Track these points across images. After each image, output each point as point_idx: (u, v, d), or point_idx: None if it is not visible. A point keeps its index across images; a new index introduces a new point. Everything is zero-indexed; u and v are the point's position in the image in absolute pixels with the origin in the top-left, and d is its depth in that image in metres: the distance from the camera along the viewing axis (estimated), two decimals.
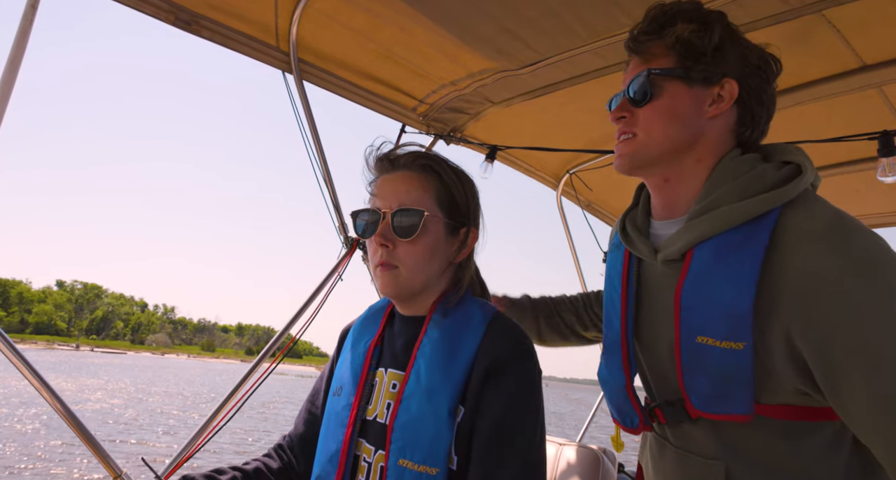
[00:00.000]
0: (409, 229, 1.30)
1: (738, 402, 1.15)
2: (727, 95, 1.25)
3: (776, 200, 1.15)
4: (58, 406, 1.78)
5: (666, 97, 1.27)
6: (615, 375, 1.41)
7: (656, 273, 1.35)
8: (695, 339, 1.18)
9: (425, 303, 1.39)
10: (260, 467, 1.44)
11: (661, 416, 1.34)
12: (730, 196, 1.20)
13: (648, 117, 1.29)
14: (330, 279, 2.51)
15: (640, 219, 1.44)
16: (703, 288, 1.19)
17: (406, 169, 1.37)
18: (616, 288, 1.44)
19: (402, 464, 1.21)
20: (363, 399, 1.36)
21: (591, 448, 1.95)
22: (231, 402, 2.22)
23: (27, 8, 1.68)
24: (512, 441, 1.20)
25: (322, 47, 2.39)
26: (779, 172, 1.20)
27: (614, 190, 3.75)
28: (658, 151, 1.28)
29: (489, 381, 1.23)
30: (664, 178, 1.32)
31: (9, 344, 1.66)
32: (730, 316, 1.13)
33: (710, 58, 1.24)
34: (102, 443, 1.86)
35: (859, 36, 2.01)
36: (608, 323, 1.45)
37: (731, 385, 1.15)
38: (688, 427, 1.30)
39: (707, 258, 1.19)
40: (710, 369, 1.17)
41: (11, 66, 1.65)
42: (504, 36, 2.22)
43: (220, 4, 2.09)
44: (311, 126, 2.51)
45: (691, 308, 1.20)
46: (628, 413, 1.41)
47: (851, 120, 2.51)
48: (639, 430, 1.41)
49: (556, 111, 2.83)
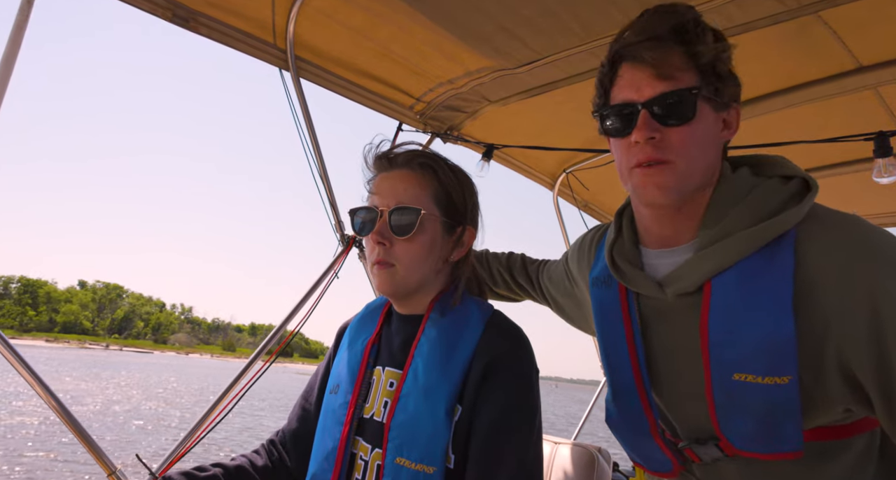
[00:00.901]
0: (405, 227, 1.30)
1: (787, 439, 1.08)
2: (734, 121, 1.19)
3: (792, 220, 1.09)
4: (52, 402, 1.77)
5: (700, 120, 1.12)
6: (635, 421, 1.31)
7: (664, 308, 1.25)
8: (730, 377, 1.10)
9: (422, 302, 1.39)
10: (243, 464, 1.43)
11: (694, 456, 1.26)
12: (741, 220, 1.12)
13: (685, 142, 1.11)
14: (326, 276, 2.51)
15: (628, 250, 1.33)
16: (732, 321, 1.10)
17: (404, 167, 1.37)
18: (617, 329, 1.32)
19: (399, 463, 1.21)
20: (360, 397, 1.36)
21: (586, 446, 1.96)
22: (226, 399, 2.21)
23: (23, 3, 1.67)
24: (509, 440, 1.20)
25: (319, 45, 2.38)
26: (785, 189, 1.14)
27: (610, 189, 3.75)
28: (696, 183, 1.15)
29: (487, 380, 1.24)
30: (678, 208, 1.20)
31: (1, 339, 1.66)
32: (770, 348, 1.05)
33: (725, 80, 1.15)
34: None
35: (855, 37, 2.02)
36: (613, 369, 1.34)
37: (778, 422, 1.07)
38: (722, 465, 1.23)
39: (730, 288, 1.11)
40: (752, 407, 1.09)
41: (7, 61, 1.64)
42: (501, 35, 2.22)
43: (217, 1, 2.09)
44: (307, 123, 2.50)
45: (722, 343, 1.11)
46: (657, 458, 1.32)
47: (847, 121, 2.51)
48: (675, 473, 1.32)
49: (552, 110, 2.83)
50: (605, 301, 1.36)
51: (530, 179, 3.60)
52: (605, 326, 1.36)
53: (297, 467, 1.47)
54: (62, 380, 35.15)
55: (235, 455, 1.50)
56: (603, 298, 1.37)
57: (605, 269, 1.37)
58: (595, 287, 1.41)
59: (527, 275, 1.92)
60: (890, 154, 2.29)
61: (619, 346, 1.32)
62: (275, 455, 1.50)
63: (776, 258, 1.07)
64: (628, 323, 1.30)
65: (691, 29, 1.12)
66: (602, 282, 1.38)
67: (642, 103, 1.13)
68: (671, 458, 1.30)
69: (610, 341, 1.35)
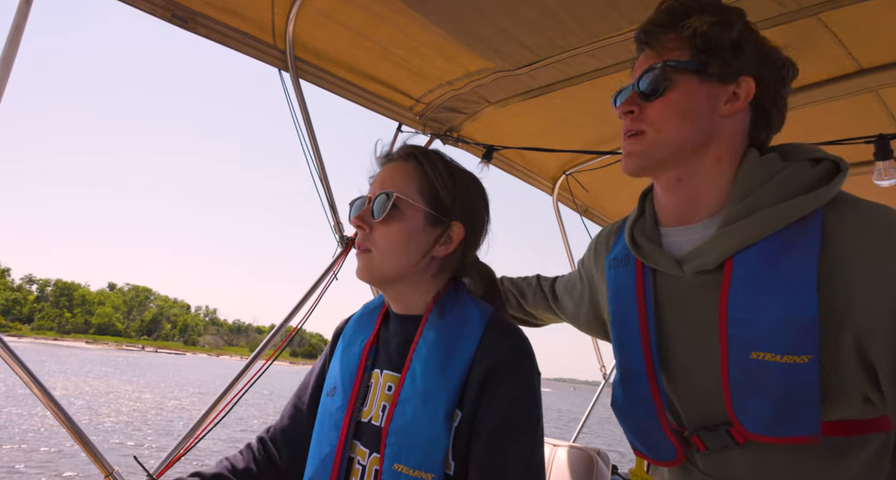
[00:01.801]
0: (381, 209, 1.32)
1: (804, 422, 1.06)
2: (743, 94, 1.18)
3: (820, 200, 1.08)
4: (49, 403, 1.77)
5: (679, 92, 1.18)
6: (641, 405, 1.29)
7: (681, 286, 1.24)
8: (748, 356, 1.09)
9: (416, 301, 1.37)
10: (222, 471, 1.42)
11: (700, 444, 1.24)
12: (767, 198, 1.12)
13: (659, 113, 1.20)
14: (325, 278, 2.51)
15: (649, 228, 1.33)
16: (754, 299, 1.09)
17: (395, 160, 1.41)
18: (630, 308, 1.31)
19: (397, 469, 1.20)
20: (358, 400, 1.35)
21: (584, 448, 1.95)
22: (224, 401, 2.21)
23: (21, 3, 1.67)
24: (513, 445, 1.19)
25: (318, 45, 2.38)
26: (814, 171, 1.13)
27: (611, 192, 3.75)
28: (669, 150, 1.20)
29: (488, 385, 1.22)
30: (677, 178, 1.23)
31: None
32: (791, 327, 1.04)
33: (729, 53, 1.16)
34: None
35: (856, 40, 2.01)
36: (623, 348, 1.33)
37: (795, 403, 1.06)
38: (729, 454, 1.21)
39: (753, 266, 1.11)
40: (769, 387, 1.07)
41: (5, 61, 1.64)
42: (501, 36, 2.22)
43: (216, 1, 2.08)
44: (307, 124, 2.50)
45: (741, 321, 1.11)
46: (660, 445, 1.29)
47: (848, 123, 2.51)
48: (676, 462, 1.29)
49: (552, 112, 2.83)
50: (621, 280, 1.36)
51: (530, 183, 3.60)
52: (619, 305, 1.36)
53: (288, 465, 1.46)
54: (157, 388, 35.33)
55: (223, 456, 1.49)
56: (619, 277, 1.37)
57: (624, 249, 1.37)
58: (611, 269, 1.41)
59: (541, 291, 1.90)
60: (890, 157, 2.29)
61: (630, 325, 1.31)
62: (261, 455, 1.49)
63: (802, 237, 1.07)
64: (642, 301, 1.29)
65: (679, 9, 1.20)
66: (619, 262, 1.38)
67: (633, 82, 1.24)
68: (675, 445, 1.26)
69: (622, 320, 1.34)
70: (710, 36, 1.16)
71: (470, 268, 1.47)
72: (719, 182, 1.20)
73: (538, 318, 1.95)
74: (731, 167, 1.20)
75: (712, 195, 1.21)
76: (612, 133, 2.97)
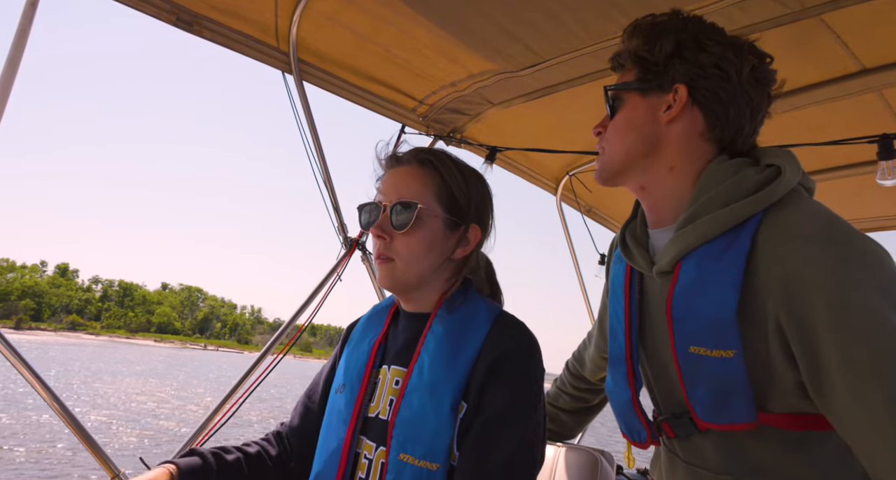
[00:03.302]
0: (404, 222, 1.32)
1: (739, 410, 1.14)
2: (678, 99, 1.25)
3: (758, 205, 1.14)
4: (55, 405, 1.78)
5: (625, 110, 1.32)
6: (621, 389, 1.40)
7: (654, 285, 1.36)
8: (688, 350, 1.18)
9: (428, 300, 1.39)
10: (261, 451, 1.45)
11: (669, 430, 1.33)
12: (713, 204, 1.19)
13: (610, 131, 1.34)
14: (329, 279, 2.52)
15: (639, 230, 1.43)
16: (689, 299, 1.18)
17: (408, 164, 1.40)
18: (619, 301, 1.43)
19: (402, 459, 1.21)
20: (366, 396, 1.36)
21: (589, 449, 1.95)
22: (233, 399, 2.22)
23: (26, 6, 1.68)
24: (506, 429, 1.20)
25: (322, 48, 2.39)
26: (760, 175, 1.19)
27: (614, 193, 3.74)
28: (617, 162, 1.32)
29: (492, 377, 1.24)
30: (640, 186, 1.34)
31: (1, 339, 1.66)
32: (716, 325, 1.13)
33: (662, 67, 1.26)
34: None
35: (858, 40, 2.01)
36: (613, 337, 1.45)
37: (728, 393, 1.14)
38: (697, 441, 1.29)
39: (692, 269, 1.19)
40: (706, 379, 1.17)
41: (11, 64, 1.65)
42: (504, 37, 2.22)
43: (220, 5, 2.09)
44: (310, 127, 2.51)
45: (682, 320, 1.20)
46: (636, 427, 1.40)
47: (851, 123, 2.51)
48: (646, 444, 1.40)
49: (555, 113, 2.83)
50: (616, 276, 1.47)
51: (533, 183, 3.60)
52: (613, 298, 1.47)
53: (296, 464, 1.47)
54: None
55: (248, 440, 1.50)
56: (615, 274, 1.48)
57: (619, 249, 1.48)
58: (614, 264, 1.52)
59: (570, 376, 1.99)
60: (894, 156, 2.29)
61: (618, 316, 1.42)
62: (281, 447, 1.51)
63: (735, 241, 1.14)
64: (628, 295, 1.41)
65: (629, 31, 1.34)
66: (618, 259, 1.49)
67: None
68: (646, 429, 1.37)
69: (613, 312, 1.45)
70: (640, 56, 1.29)
71: (478, 266, 1.50)
72: (680, 188, 1.28)
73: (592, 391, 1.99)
74: (690, 174, 1.27)
75: (675, 200, 1.29)
76: None
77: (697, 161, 1.27)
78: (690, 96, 1.25)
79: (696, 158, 1.27)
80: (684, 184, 1.28)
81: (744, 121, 1.26)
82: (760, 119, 1.29)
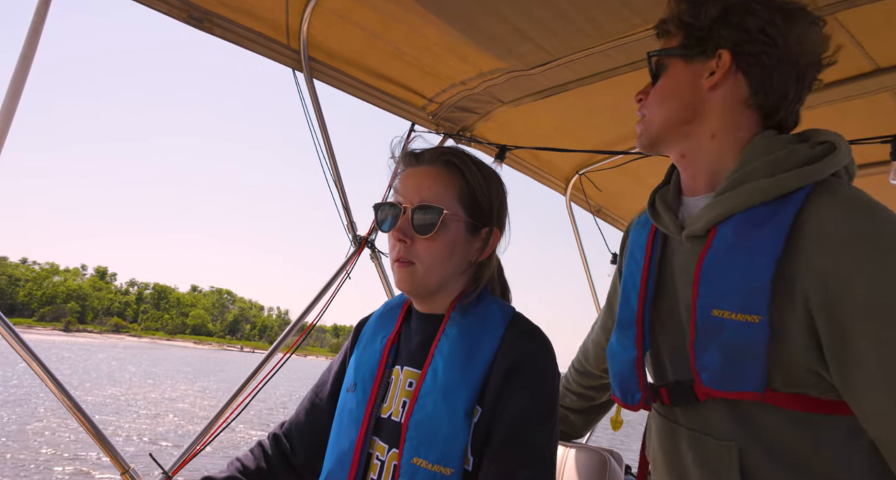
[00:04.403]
0: (427, 226, 1.28)
1: (750, 378, 1.13)
2: (721, 65, 1.24)
3: (806, 178, 1.13)
4: (66, 401, 1.79)
5: (667, 76, 1.31)
6: (626, 350, 1.38)
7: (682, 250, 1.33)
8: (710, 312, 1.17)
9: (443, 301, 1.37)
10: (234, 475, 1.42)
11: (666, 396, 1.32)
12: (759, 172, 1.17)
13: (652, 97, 1.33)
14: (338, 277, 2.52)
15: (670, 195, 1.42)
16: (723, 263, 1.17)
17: (430, 164, 1.36)
18: (637, 263, 1.41)
19: (415, 463, 1.20)
20: (378, 396, 1.34)
21: (597, 449, 1.94)
22: (239, 399, 2.22)
23: (39, 4, 1.69)
24: (528, 442, 1.19)
25: (332, 45, 2.39)
26: (812, 150, 1.18)
27: (624, 192, 3.73)
28: (658, 129, 1.32)
29: (508, 382, 1.23)
30: (680, 154, 1.33)
31: (13, 333, 1.67)
32: (747, 289, 1.12)
33: (707, 32, 1.25)
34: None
35: (872, 39, 2.00)
36: (625, 300, 1.43)
37: (743, 359, 1.13)
38: (701, 409, 1.27)
39: (730, 234, 1.18)
40: (722, 342, 1.15)
41: (24, 61, 1.66)
42: (514, 36, 2.22)
43: (231, 2, 2.10)
44: (320, 124, 2.51)
45: (709, 282, 1.18)
46: (631, 389, 1.38)
47: (864, 123, 2.49)
48: (637, 407, 1.38)
49: (565, 112, 2.83)
50: (636, 240, 1.46)
51: (543, 183, 3.59)
52: (630, 261, 1.46)
53: (303, 461, 1.46)
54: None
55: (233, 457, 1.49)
56: (635, 239, 1.47)
57: (645, 215, 1.47)
58: (633, 232, 1.51)
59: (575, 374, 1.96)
60: None
61: (634, 278, 1.40)
62: (274, 452, 1.48)
63: (780, 212, 1.12)
64: (648, 257, 1.39)
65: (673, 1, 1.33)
66: (640, 226, 1.48)
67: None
68: (643, 392, 1.35)
69: (628, 274, 1.44)
70: (684, 20, 1.27)
71: (495, 269, 1.48)
72: (721, 156, 1.27)
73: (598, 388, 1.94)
74: (734, 143, 1.26)
75: (714, 169, 1.28)
76: (625, 133, 2.97)
77: (740, 129, 1.26)
78: (734, 62, 1.24)
79: (739, 126, 1.26)
80: (726, 152, 1.27)
81: (788, 87, 1.24)
82: (808, 83, 1.27)
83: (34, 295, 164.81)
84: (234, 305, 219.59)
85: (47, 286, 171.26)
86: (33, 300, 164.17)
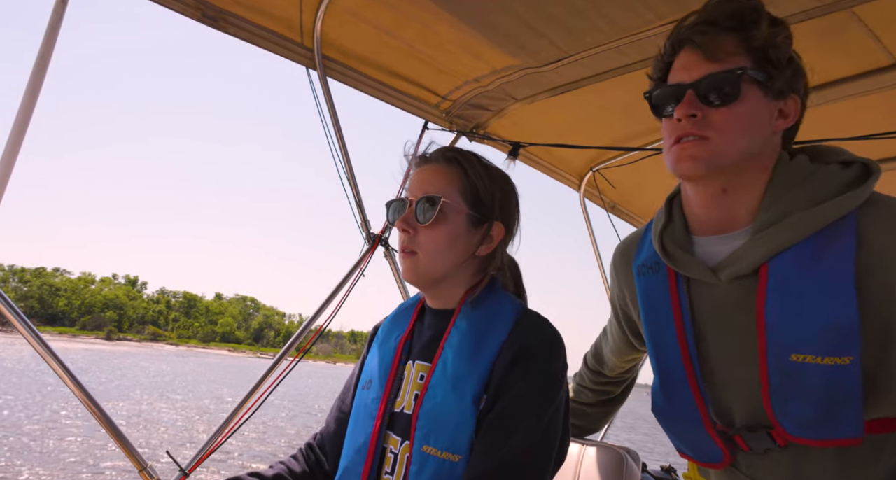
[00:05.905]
0: (427, 215, 1.35)
1: (847, 424, 1.07)
2: (791, 112, 1.20)
3: (853, 202, 1.09)
4: (85, 399, 1.80)
5: (747, 103, 1.15)
6: (685, 409, 1.30)
7: (717, 293, 1.24)
8: (787, 358, 1.10)
9: (453, 296, 1.41)
10: (281, 472, 1.46)
11: (744, 444, 1.25)
12: (799, 202, 1.13)
13: (727, 122, 1.15)
14: (352, 275, 2.53)
15: (679, 236, 1.32)
16: (791, 302, 1.10)
17: (434, 162, 1.43)
18: (665, 314, 1.32)
19: (425, 450, 1.23)
20: (392, 392, 1.38)
21: (614, 447, 1.94)
22: (254, 397, 2.23)
23: (57, 3, 1.70)
24: (523, 417, 1.21)
25: (346, 44, 2.39)
26: (846, 173, 1.14)
27: (639, 189, 3.72)
28: (731, 160, 1.16)
29: (513, 367, 1.25)
30: (722, 189, 1.22)
31: (33, 332, 1.69)
32: (832, 329, 1.05)
33: (787, 69, 1.17)
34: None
35: (890, 33, 1.98)
36: (661, 355, 1.34)
37: (837, 405, 1.06)
38: (768, 455, 1.22)
39: (789, 269, 1.11)
40: (810, 390, 1.08)
41: (41, 60, 1.67)
42: (528, 33, 2.21)
43: (245, 1, 2.11)
44: (334, 123, 2.52)
45: (779, 325, 1.11)
46: (707, 447, 1.30)
47: (881, 118, 2.47)
48: (724, 464, 1.30)
49: (579, 108, 2.82)
50: (653, 287, 1.36)
51: (557, 179, 3.58)
52: (653, 313, 1.37)
53: (333, 470, 1.48)
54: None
55: (274, 461, 1.52)
56: (650, 285, 1.37)
57: (653, 256, 1.37)
58: (641, 275, 1.40)
59: (594, 351, 1.94)
60: None
61: (667, 332, 1.32)
62: (312, 460, 1.53)
63: (837, 240, 1.08)
64: (677, 308, 1.30)
65: (747, 15, 1.15)
66: (649, 269, 1.38)
67: (689, 84, 1.17)
68: (721, 447, 1.28)
69: (658, 327, 1.35)
70: (780, 49, 1.16)
71: (503, 263, 1.50)
72: (757, 191, 1.20)
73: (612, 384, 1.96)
74: (767, 173, 1.20)
75: (751, 204, 1.21)
76: (639, 129, 2.95)
77: (773, 160, 1.22)
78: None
79: (775, 161, 1.22)
80: (761, 185, 1.20)
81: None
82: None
83: (73, 305, 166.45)
84: (258, 312, 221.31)
85: (86, 294, 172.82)
86: (73, 309, 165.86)
